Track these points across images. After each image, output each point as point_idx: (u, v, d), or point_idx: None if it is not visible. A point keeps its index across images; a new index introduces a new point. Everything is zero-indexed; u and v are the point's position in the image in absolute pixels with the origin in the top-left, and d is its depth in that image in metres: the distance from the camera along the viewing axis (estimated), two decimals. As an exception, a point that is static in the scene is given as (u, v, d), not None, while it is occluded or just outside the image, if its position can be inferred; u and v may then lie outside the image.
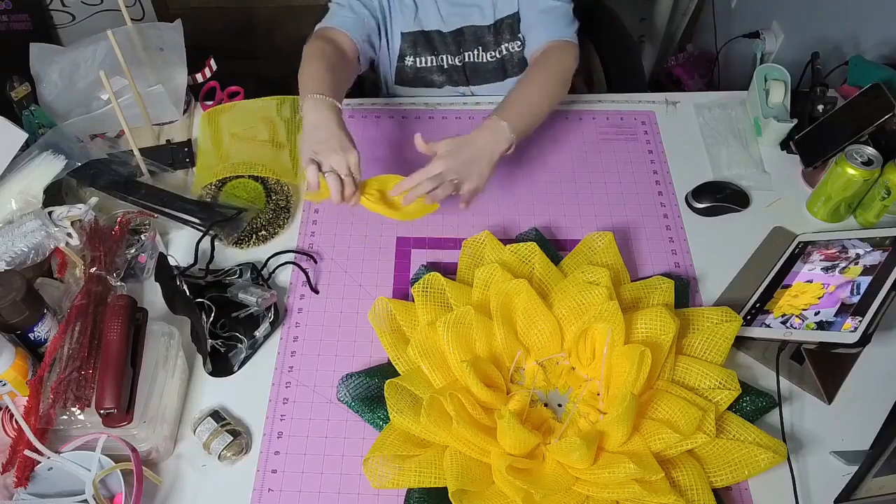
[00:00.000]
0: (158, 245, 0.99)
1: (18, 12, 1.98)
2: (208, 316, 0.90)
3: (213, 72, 1.18)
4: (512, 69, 1.22)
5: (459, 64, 1.22)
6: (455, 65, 1.22)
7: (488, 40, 1.19)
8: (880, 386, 0.87)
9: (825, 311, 0.86)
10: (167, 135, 1.16)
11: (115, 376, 0.76)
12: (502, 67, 1.22)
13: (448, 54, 1.21)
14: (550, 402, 0.86)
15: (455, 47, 1.20)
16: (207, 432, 0.82)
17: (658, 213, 1.06)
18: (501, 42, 1.19)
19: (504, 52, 1.20)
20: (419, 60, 1.21)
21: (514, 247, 0.94)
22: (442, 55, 1.21)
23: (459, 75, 1.23)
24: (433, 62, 1.21)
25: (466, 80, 1.24)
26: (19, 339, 0.83)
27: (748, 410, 0.84)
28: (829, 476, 0.81)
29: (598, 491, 0.75)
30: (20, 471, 0.75)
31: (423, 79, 1.23)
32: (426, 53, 1.20)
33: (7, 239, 0.91)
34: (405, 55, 1.20)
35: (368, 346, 0.92)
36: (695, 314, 0.89)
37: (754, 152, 1.13)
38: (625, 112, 1.20)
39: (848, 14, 1.42)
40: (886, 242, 0.91)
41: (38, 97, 1.12)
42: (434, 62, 1.21)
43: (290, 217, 1.06)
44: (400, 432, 0.81)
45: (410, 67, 1.22)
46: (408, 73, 1.22)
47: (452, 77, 1.23)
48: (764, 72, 1.15)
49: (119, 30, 1.09)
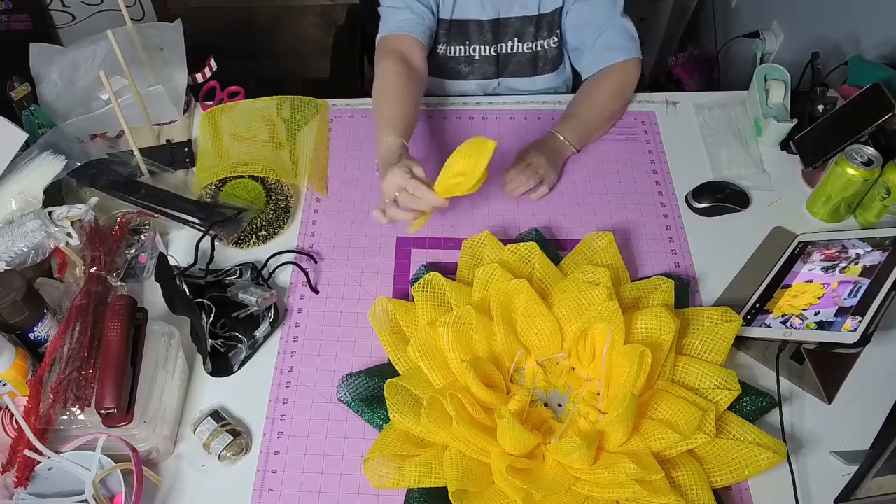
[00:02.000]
0: (158, 245, 0.99)
1: (18, 12, 1.98)
2: (208, 316, 0.90)
3: (213, 72, 1.18)
4: (543, 66, 1.23)
5: (493, 54, 1.22)
6: (487, 55, 1.22)
7: (527, 31, 1.19)
8: (880, 386, 0.87)
9: (825, 311, 0.86)
10: (167, 135, 1.16)
11: (115, 376, 0.76)
12: (534, 62, 1.22)
13: (483, 44, 1.21)
14: (550, 402, 0.86)
15: (491, 36, 1.20)
16: (207, 432, 0.82)
17: (658, 213, 1.06)
18: (539, 37, 1.20)
19: (539, 47, 1.20)
20: (450, 50, 1.21)
21: (514, 247, 0.94)
22: (474, 45, 1.21)
23: (490, 66, 1.23)
24: (462, 52, 1.21)
25: (497, 72, 1.24)
26: (19, 339, 0.83)
27: (748, 410, 0.84)
28: (829, 476, 0.81)
29: (598, 491, 0.75)
30: (20, 471, 0.75)
31: (451, 69, 1.23)
32: (457, 43, 1.20)
33: (7, 239, 0.91)
34: (438, 43, 1.20)
35: (368, 346, 0.92)
36: (695, 314, 0.89)
37: (754, 152, 1.13)
38: (625, 112, 1.20)
39: (848, 14, 1.42)
40: (886, 242, 0.91)
41: (38, 97, 1.12)
42: (463, 52, 1.21)
43: (290, 217, 1.06)
44: (400, 432, 0.81)
45: (441, 56, 1.22)
46: (437, 61, 1.22)
47: (482, 69, 1.23)
48: (764, 72, 1.15)
49: (119, 30, 1.09)
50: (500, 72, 1.24)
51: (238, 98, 1.20)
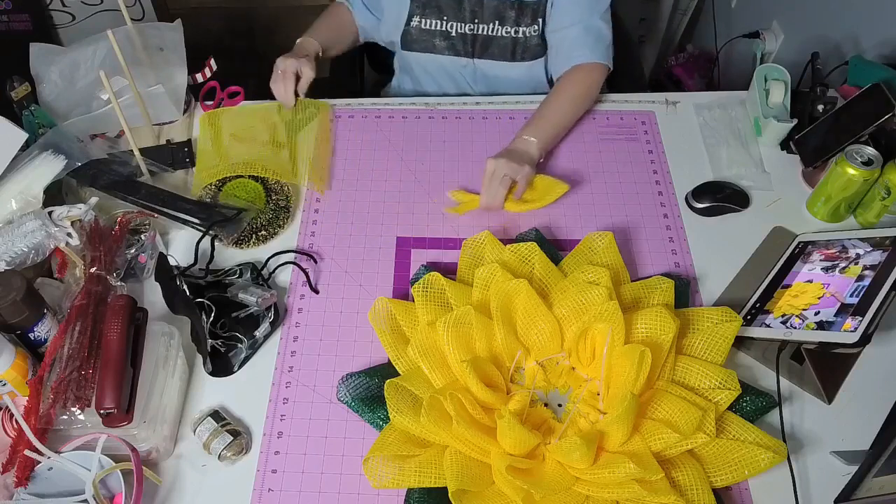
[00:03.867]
0: (158, 245, 0.99)
1: (18, 12, 1.98)
2: (208, 316, 0.90)
3: (213, 72, 1.18)
4: (521, 53, 1.23)
5: (470, 33, 1.22)
6: (464, 33, 1.22)
7: (508, 15, 1.19)
8: (880, 386, 0.87)
9: (825, 311, 0.86)
10: (167, 135, 1.16)
11: (115, 376, 0.75)
12: (513, 48, 1.22)
13: (459, 21, 1.21)
14: (550, 402, 0.86)
15: (469, 15, 1.20)
16: (207, 432, 0.82)
17: (658, 213, 1.06)
18: (521, 23, 1.20)
19: (520, 33, 1.20)
20: (424, 22, 1.22)
21: (514, 247, 0.94)
22: (451, 22, 1.21)
23: (466, 45, 1.23)
24: (437, 26, 1.22)
25: (472, 52, 1.24)
26: (19, 339, 0.83)
27: (748, 410, 0.84)
28: (829, 476, 0.81)
29: (598, 491, 0.75)
30: (20, 471, 0.75)
31: (426, 42, 1.24)
32: (432, 16, 1.21)
33: (7, 239, 0.91)
34: (413, 16, 1.22)
35: (368, 346, 0.92)
36: (695, 314, 0.89)
37: (754, 152, 1.13)
38: (625, 112, 1.20)
39: (848, 14, 1.42)
40: (886, 242, 0.91)
41: (38, 97, 1.12)
42: (439, 26, 1.22)
43: (290, 217, 1.06)
44: (400, 432, 0.81)
45: (415, 29, 1.23)
46: (412, 35, 1.24)
47: (456, 46, 1.24)
48: (764, 72, 1.15)
49: (119, 30, 1.09)
50: (475, 52, 1.24)
51: (238, 98, 1.20)
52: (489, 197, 1.02)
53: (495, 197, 1.02)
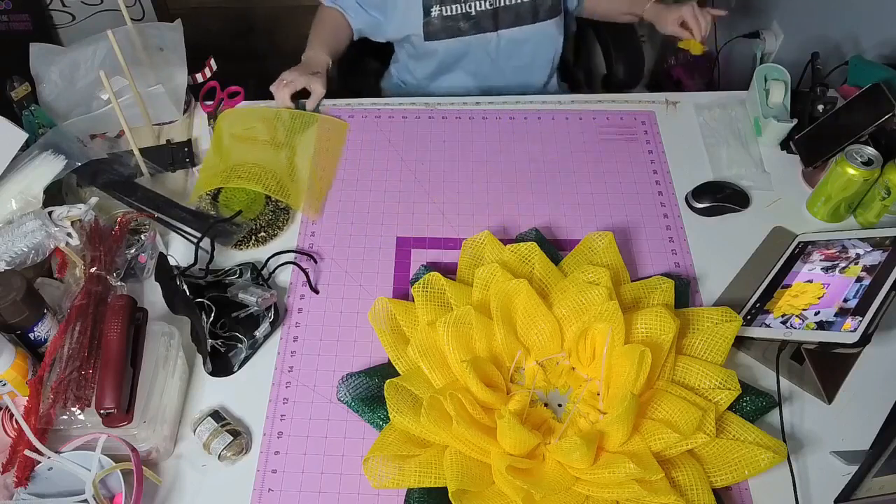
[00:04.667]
0: (158, 245, 0.99)
1: (18, 12, 1.98)
2: (208, 316, 0.90)
3: (213, 72, 1.18)
4: (543, 13, 1.26)
5: (490, 8, 1.24)
6: (484, 10, 1.24)
7: None
8: (880, 386, 0.88)
9: (825, 311, 0.86)
10: (167, 135, 1.16)
11: (115, 376, 0.75)
12: (534, 8, 1.26)
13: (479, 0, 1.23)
14: (550, 402, 0.86)
15: None
16: (207, 432, 0.82)
17: (658, 213, 1.06)
18: None
19: None
20: (445, 10, 1.23)
21: (514, 247, 0.94)
22: (470, 2, 1.23)
23: (488, 20, 1.26)
24: (459, 10, 1.24)
25: (495, 25, 1.26)
26: (19, 339, 0.83)
27: (748, 410, 0.84)
28: (829, 476, 0.81)
29: (598, 491, 0.75)
30: (20, 471, 0.75)
31: (451, 28, 1.26)
32: (452, 2, 1.23)
33: (7, 239, 0.91)
34: (431, 7, 1.23)
35: (368, 346, 0.92)
36: (695, 314, 0.89)
37: (754, 152, 1.13)
38: (625, 112, 1.20)
39: (848, 14, 1.42)
40: (886, 242, 0.91)
41: (38, 97, 1.12)
42: (460, 10, 1.24)
43: (290, 218, 1.06)
44: (400, 432, 0.81)
45: (437, 18, 1.24)
46: (435, 26, 1.25)
47: (480, 23, 1.26)
48: (764, 72, 1.15)
49: (119, 30, 1.09)
50: (498, 24, 1.26)
51: (238, 98, 1.20)
52: (705, 25, 1.20)
53: (706, 27, 1.20)
